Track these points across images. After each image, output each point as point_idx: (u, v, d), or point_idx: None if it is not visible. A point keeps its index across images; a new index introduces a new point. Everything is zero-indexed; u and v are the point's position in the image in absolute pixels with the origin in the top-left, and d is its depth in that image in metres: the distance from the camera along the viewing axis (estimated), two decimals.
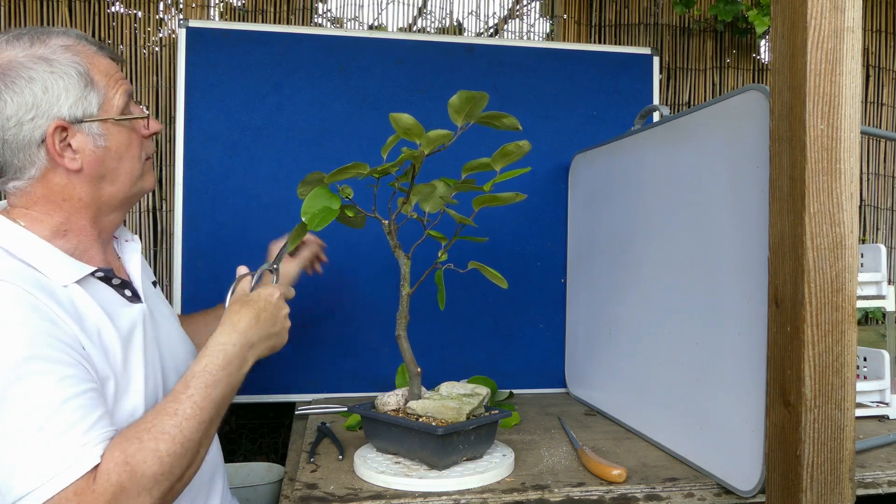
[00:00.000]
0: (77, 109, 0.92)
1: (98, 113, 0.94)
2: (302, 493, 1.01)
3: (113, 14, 1.93)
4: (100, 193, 0.97)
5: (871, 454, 1.15)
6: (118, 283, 0.98)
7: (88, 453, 0.78)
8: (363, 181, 1.11)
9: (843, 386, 0.84)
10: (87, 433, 0.79)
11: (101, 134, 0.95)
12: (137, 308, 0.98)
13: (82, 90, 0.92)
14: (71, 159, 0.93)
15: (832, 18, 0.82)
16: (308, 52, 1.65)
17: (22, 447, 0.77)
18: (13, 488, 0.76)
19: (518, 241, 1.73)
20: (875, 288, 1.36)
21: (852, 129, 0.83)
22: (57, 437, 0.77)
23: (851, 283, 0.83)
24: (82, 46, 0.95)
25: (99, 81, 0.95)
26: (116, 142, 0.97)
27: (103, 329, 0.90)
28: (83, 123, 0.93)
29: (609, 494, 1.01)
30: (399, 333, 1.14)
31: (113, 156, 0.97)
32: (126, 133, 0.99)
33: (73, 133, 0.93)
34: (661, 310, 1.24)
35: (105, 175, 0.96)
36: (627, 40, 2.17)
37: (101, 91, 0.95)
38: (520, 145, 1.07)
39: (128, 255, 1.07)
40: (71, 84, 0.92)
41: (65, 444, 0.77)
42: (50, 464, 0.76)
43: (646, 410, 1.29)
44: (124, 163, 0.98)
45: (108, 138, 0.96)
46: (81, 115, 0.93)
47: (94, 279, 0.94)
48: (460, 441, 1.06)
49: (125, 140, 0.98)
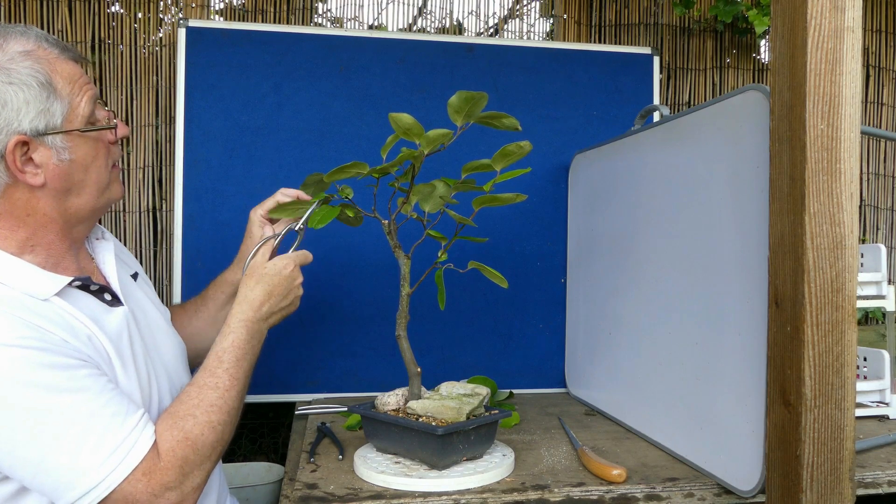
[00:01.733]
0: (39, 122, 0.87)
1: (62, 124, 0.89)
2: (302, 493, 1.01)
3: (113, 14, 1.93)
4: (66, 207, 0.92)
5: (871, 454, 1.15)
6: (97, 289, 0.95)
7: (142, 434, 0.84)
8: (363, 181, 1.11)
9: (843, 386, 0.84)
10: (130, 417, 0.84)
11: (64, 147, 0.89)
12: (119, 311, 0.97)
13: (44, 102, 0.87)
14: (33, 174, 0.88)
15: (832, 18, 0.82)
16: (308, 52, 1.65)
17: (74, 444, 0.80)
18: (76, 486, 0.79)
19: (518, 241, 1.73)
20: (875, 288, 1.36)
21: (852, 129, 0.83)
22: (107, 427, 0.81)
23: (851, 283, 0.83)
24: (43, 51, 0.89)
25: (62, 89, 0.89)
26: (82, 153, 0.92)
27: (93, 336, 0.90)
28: (46, 136, 0.87)
29: (609, 494, 1.01)
30: (399, 333, 1.14)
31: (78, 168, 0.92)
32: (92, 143, 0.93)
33: (34, 147, 0.87)
34: (661, 310, 1.24)
35: (71, 188, 0.92)
36: (627, 40, 2.16)
37: (64, 100, 0.89)
38: (521, 146, 1.07)
39: (101, 254, 1.04)
40: (32, 96, 0.86)
41: (116, 432, 0.82)
42: (110, 453, 0.81)
43: (646, 410, 1.29)
44: (90, 174, 0.94)
45: (72, 150, 0.90)
46: (44, 128, 0.87)
47: (72, 289, 0.92)
48: (460, 441, 1.06)
49: (91, 151, 0.93)
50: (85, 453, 0.80)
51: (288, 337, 1.61)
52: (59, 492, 0.80)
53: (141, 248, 1.93)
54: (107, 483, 0.80)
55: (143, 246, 1.93)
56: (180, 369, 1.10)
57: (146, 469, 0.82)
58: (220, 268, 1.58)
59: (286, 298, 1.09)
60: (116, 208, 1.92)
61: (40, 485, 0.81)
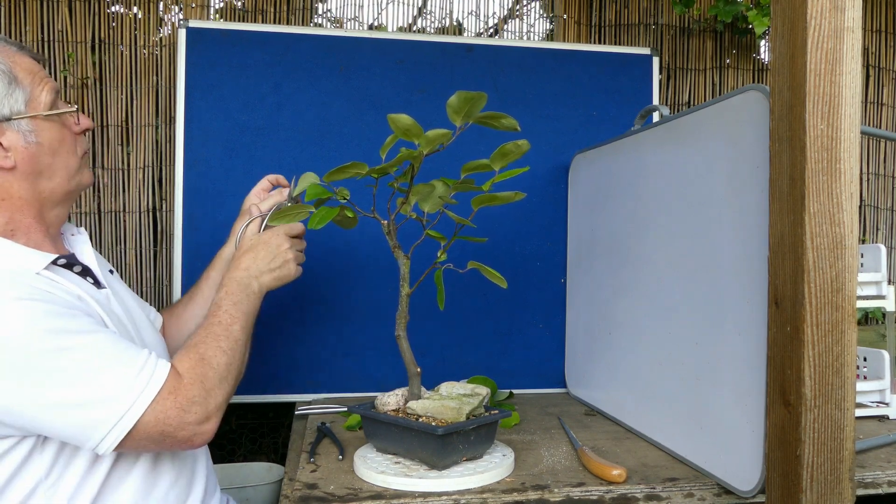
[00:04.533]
0: (3, 107, 0.93)
1: (25, 110, 0.95)
2: (302, 493, 1.01)
3: (113, 14, 1.93)
4: (39, 189, 0.98)
5: (871, 454, 1.15)
6: (80, 271, 1.01)
7: (157, 360, 0.91)
8: (362, 181, 1.11)
9: (843, 386, 0.84)
10: (141, 350, 0.91)
11: (31, 130, 0.95)
12: (103, 293, 1.03)
13: (6, 87, 0.93)
14: (3, 157, 0.94)
15: (832, 18, 0.82)
16: (308, 52, 1.65)
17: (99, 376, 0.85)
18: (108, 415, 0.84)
19: (518, 241, 1.73)
20: (875, 288, 1.36)
21: (852, 129, 0.83)
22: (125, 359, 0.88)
23: (851, 283, 0.83)
24: (2, 46, 0.96)
25: (23, 79, 0.95)
26: (48, 137, 0.98)
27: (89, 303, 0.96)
28: (11, 121, 0.94)
29: (609, 494, 1.01)
30: (399, 333, 1.14)
31: (46, 151, 0.98)
32: (57, 128, 0.99)
33: (2, 131, 0.93)
34: (661, 310, 1.24)
35: (42, 171, 0.98)
36: (627, 40, 2.16)
37: (26, 88, 0.95)
38: (519, 145, 1.07)
39: (79, 247, 1.09)
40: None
41: (134, 361, 0.88)
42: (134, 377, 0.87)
43: (646, 410, 1.29)
44: (59, 158, 0.99)
45: (38, 134, 0.96)
46: (9, 113, 0.93)
47: (57, 268, 0.97)
48: (460, 441, 1.06)
49: (57, 135, 0.99)
50: (111, 382, 0.85)
51: (288, 337, 1.61)
52: (90, 430, 0.84)
53: (141, 248, 1.93)
54: (138, 406, 0.85)
55: (143, 246, 1.93)
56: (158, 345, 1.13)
57: (171, 388, 0.89)
58: None
59: (274, 260, 1.15)
60: (116, 208, 1.92)
61: (69, 427, 0.85)
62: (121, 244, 1.93)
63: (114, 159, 1.92)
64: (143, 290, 1.94)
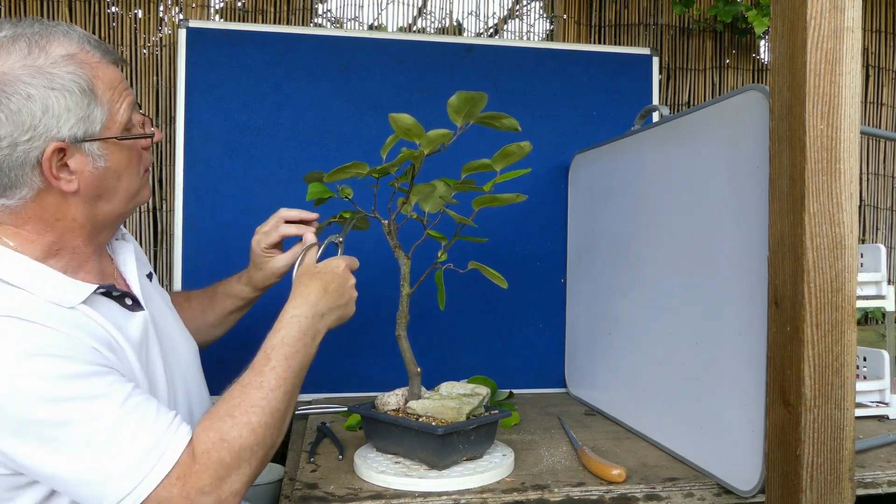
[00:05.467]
0: (78, 129, 0.85)
1: (100, 131, 0.88)
2: (302, 493, 1.01)
3: (113, 14, 1.93)
4: (95, 213, 0.91)
5: (871, 454, 1.15)
6: (118, 295, 0.94)
7: (175, 434, 0.80)
8: (363, 181, 1.11)
9: (843, 386, 0.84)
10: (161, 419, 0.81)
11: (101, 154, 0.88)
12: (140, 316, 0.96)
13: (85, 109, 0.85)
14: (67, 181, 0.86)
15: (832, 18, 0.82)
16: (308, 52, 1.65)
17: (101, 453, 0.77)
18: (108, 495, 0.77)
19: (518, 241, 1.73)
20: (875, 288, 1.36)
21: (852, 129, 0.83)
22: (137, 432, 0.79)
23: (851, 283, 0.83)
24: (86, 54, 0.87)
25: (103, 95, 0.88)
26: (117, 160, 0.91)
27: (117, 343, 0.89)
28: (83, 143, 0.86)
29: (609, 494, 1.01)
30: (399, 333, 1.14)
31: (112, 175, 0.91)
32: (127, 150, 0.92)
33: (71, 153, 0.86)
34: (661, 310, 1.24)
35: (102, 195, 0.91)
36: (627, 40, 2.17)
37: (104, 106, 0.88)
38: (521, 146, 1.07)
39: (121, 255, 1.03)
40: (73, 102, 0.84)
41: (147, 436, 0.79)
42: (141, 459, 0.78)
43: (646, 410, 1.29)
44: (123, 181, 0.93)
45: (108, 158, 0.89)
46: (82, 135, 0.86)
47: (95, 295, 0.90)
48: (460, 441, 1.06)
49: (125, 158, 0.92)
50: (114, 461, 0.77)
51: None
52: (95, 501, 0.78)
53: (141, 247, 1.93)
54: (139, 491, 0.77)
55: (143, 246, 1.93)
56: (194, 371, 1.09)
57: (180, 473, 0.79)
58: (221, 268, 1.58)
59: (342, 297, 1.05)
60: None
61: (76, 495, 0.79)
62: None
63: None
64: None
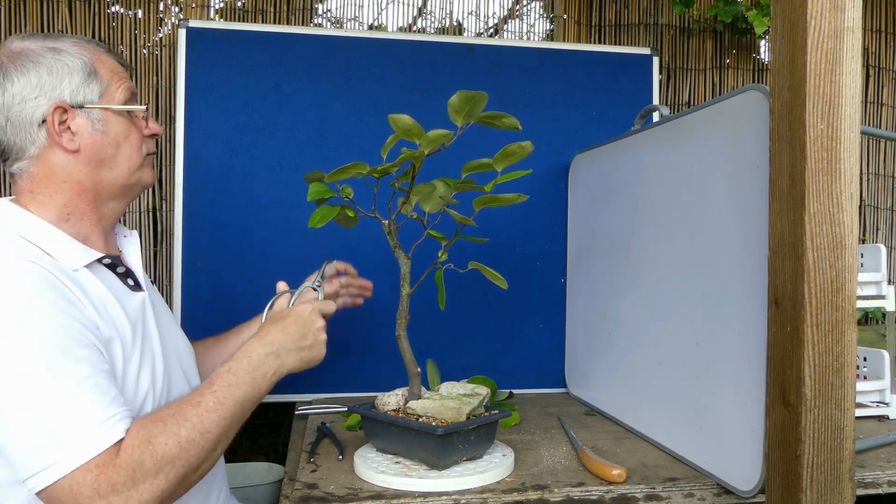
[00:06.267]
0: (78, 95, 0.97)
1: (99, 101, 0.99)
2: (302, 493, 1.01)
3: (113, 14, 1.93)
4: (99, 178, 1.00)
5: (871, 454, 1.15)
6: (122, 272, 1.02)
7: (112, 428, 0.81)
8: (363, 181, 1.11)
9: (843, 386, 0.84)
10: (108, 409, 0.82)
11: (100, 119, 0.99)
12: (140, 296, 1.02)
13: (85, 78, 0.98)
14: (69, 140, 0.97)
15: (832, 18, 0.82)
16: (308, 52, 1.65)
17: (44, 422, 0.79)
18: (32, 461, 0.78)
19: (518, 241, 1.73)
20: (875, 288, 1.36)
21: (852, 129, 0.83)
22: (80, 413, 0.80)
23: (851, 283, 0.83)
24: (92, 47, 1.01)
25: (103, 74, 1.00)
26: (115, 130, 1.01)
27: (114, 312, 0.94)
28: (83, 109, 0.98)
29: (609, 494, 1.01)
30: (399, 333, 1.14)
31: (111, 142, 1.00)
32: (125, 124, 1.02)
33: (73, 116, 0.97)
34: (661, 310, 1.24)
35: (103, 160, 1.00)
36: (627, 40, 2.17)
37: (103, 83, 1.00)
38: (522, 146, 1.07)
39: (128, 248, 1.10)
40: (75, 70, 0.97)
41: (88, 419, 0.80)
42: (74, 438, 0.79)
43: (646, 410, 1.29)
44: (122, 150, 1.02)
45: (106, 124, 1.00)
46: (82, 101, 0.98)
47: (100, 265, 0.98)
48: (460, 441, 1.06)
49: (124, 129, 1.02)
50: (51, 432, 0.79)
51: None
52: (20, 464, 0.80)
53: (141, 247, 1.93)
54: (59, 467, 0.78)
55: (143, 246, 1.94)
56: (192, 365, 1.12)
57: (100, 462, 0.79)
58: (220, 268, 1.59)
59: (304, 339, 1.05)
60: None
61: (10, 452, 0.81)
62: None
63: None
64: None
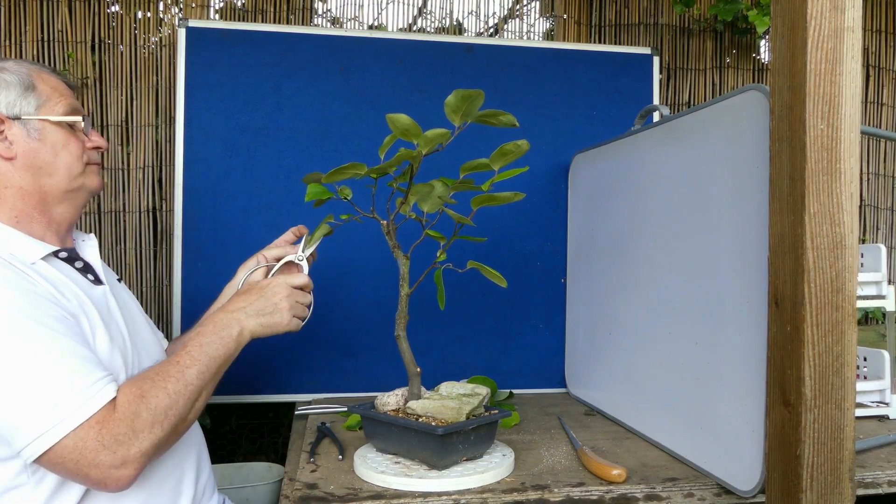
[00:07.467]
0: (14, 107, 1.02)
1: (35, 112, 1.04)
2: (302, 493, 1.01)
3: (113, 14, 1.93)
4: (40, 184, 1.04)
5: (871, 454, 1.15)
6: (80, 267, 1.05)
7: (105, 387, 0.87)
8: (362, 181, 1.11)
9: (843, 386, 0.83)
10: (96, 371, 0.88)
11: (36, 129, 1.03)
12: (100, 289, 1.05)
13: (22, 92, 1.03)
14: (6, 148, 1.01)
15: (832, 18, 0.82)
16: (308, 52, 1.65)
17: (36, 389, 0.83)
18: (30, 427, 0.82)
19: (518, 241, 1.73)
20: (875, 288, 1.36)
21: (852, 129, 0.83)
22: (71, 376, 0.85)
23: (851, 283, 0.83)
24: (36, 68, 1.07)
25: (42, 90, 1.05)
26: (53, 139, 1.04)
27: (77, 296, 0.97)
28: (19, 120, 1.02)
29: (609, 494, 1.01)
30: (398, 333, 1.14)
31: (48, 149, 1.04)
32: (64, 134, 1.06)
33: (9, 126, 1.02)
34: (661, 310, 1.24)
35: (42, 167, 1.03)
36: (627, 40, 2.16)
37: (41, 97, 1.04)
38: (518, 144, 1.07)
39: (86, 250, 1.13)
40: (12, 86, 1.03)
41: (82, 380, 0.86)
42: (72, 398, 0.84)
43: (646, 410, 1.29)
44: (61, 157, 1.05)
45: (42, 133, 1.04)
46: (18, 112, 1.03)
47: (57, 260, 1.02)
48: (460, 441, 1.06)
49: (62, 139, 1.05)
50: (43, 397, 0.83)
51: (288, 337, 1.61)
52: (14, 431, 0.83)
53: (141, 248, 1.93)
54: (63, 426, 0.82)
55: (143, 246, 1.93)
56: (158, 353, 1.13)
57: (100, 418, 0.85)
58: (220, 267, 1.59)
59: (266, 302, 1.11)
60: (116, 208, 1.92)
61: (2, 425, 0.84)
62: (121, 244, 1.93)
63: (114, 159, 1.92)
64: (143, 290, 1.94)
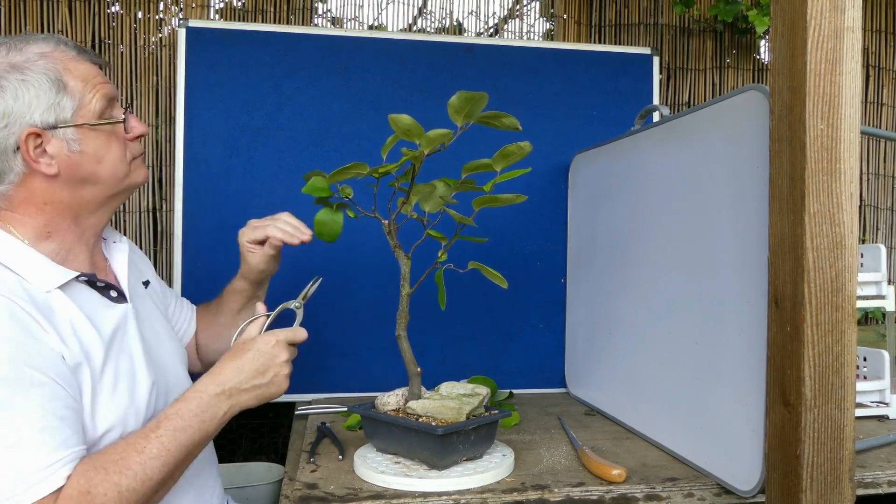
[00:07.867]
0: (49, 115, 0.92)
1: (72, 118, 0.94)
2: (302, 493, 1.01)
3: (113, 14, 1.93)
4: (81, 195, 0.97)
5: (871, 454, 1.15)
6: (102, 286, 0.99)
7: (53, 475, 0.79)
8: (363, 181, 1.11)
9: (843, 386, 0.84)
10: (54, 453, 0.80)
11: (75, 139, 0.95)
12: (121, 308, 1.00)
13: (54, 96, 0.93)
14: (47, 165, 0.93)
15: (832, 18, 0.82)
16: (308, 52, 1.65)
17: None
18: None
19: (518, 241, 1.73)
20: (875, 288, 1.36)
21: (852, 129, 0.83)
22: (23, 456, 0.78)
23: (851, 283, 0.83)
24: (60, 52, 0.95)
25: (74, 87, 0.95)
26: (93, 146, 0.96)
27: (84, 334, 0.91)
28: (57, 129, 0.93)
29: (609, 494, 1.01)
30: (399, 333, 1.14)
31: (90, 159, 0.96)
32: (104, 137, 0.98)
33: (47, 139, 0.93)
34: (661, 310, 1.24)
35: (85, 178, 0.97)
36: (627, 40, 2.16)
37: (75, 96, 0.94)
38: (521, 146, 1.07)
39: (115, 255, 1.08)
40: (42, 91, 0.92)
41: (31, 464, 0.78)
42: (13, 483, 0.77)
43: (646, 410, 1.29)
44: (104, 166, 0.98)
45: (83, 143, 0.95)
46: (54, 121, 0.93)
47: (77, 283, 0.95)
48: (460, 441, 1.06)
49: (103, 144, 0.98)
50: None
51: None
52: None
53: (141, 248, 1.93)
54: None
55: (143, 246, 1.93)
56: (180, 373, 1.11)
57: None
58: (220, 268, 1.59)
59: (262, 375, 1.00)
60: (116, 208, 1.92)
61: None
62: None
63: None
64: None
